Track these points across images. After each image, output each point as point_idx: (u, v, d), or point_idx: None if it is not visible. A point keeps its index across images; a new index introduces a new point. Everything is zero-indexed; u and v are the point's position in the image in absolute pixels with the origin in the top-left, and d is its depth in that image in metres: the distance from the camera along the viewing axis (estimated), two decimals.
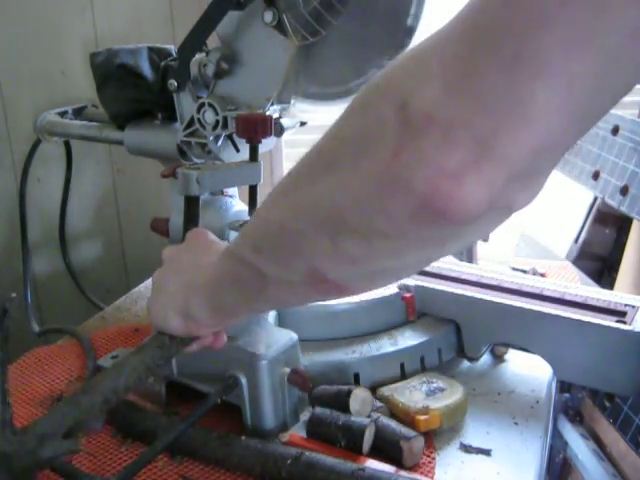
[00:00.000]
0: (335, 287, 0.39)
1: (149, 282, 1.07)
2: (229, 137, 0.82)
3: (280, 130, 0.83)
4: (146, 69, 0.86)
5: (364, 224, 0.33)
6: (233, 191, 0.92)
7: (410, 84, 0.30)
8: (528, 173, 0.30)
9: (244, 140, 0.75)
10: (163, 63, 0.85)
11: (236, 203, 0.91)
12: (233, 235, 0.84)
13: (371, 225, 0.33)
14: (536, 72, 0.27)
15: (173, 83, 0.80)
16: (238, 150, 0.83)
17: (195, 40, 0.77)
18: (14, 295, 0.52)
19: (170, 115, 0.87)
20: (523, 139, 0.28)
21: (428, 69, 0.29)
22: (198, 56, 0.80)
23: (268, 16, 0.72)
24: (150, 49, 0.88)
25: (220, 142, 0.82)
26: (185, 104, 0.82)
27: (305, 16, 0.68)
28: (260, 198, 0.79)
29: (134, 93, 0.87)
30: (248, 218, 0.79)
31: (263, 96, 0.77)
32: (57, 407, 0.47)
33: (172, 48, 0.89)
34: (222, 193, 0.90)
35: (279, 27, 0.72)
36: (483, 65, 0.28)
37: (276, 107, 0.80)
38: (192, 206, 0.73)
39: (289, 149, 1.31)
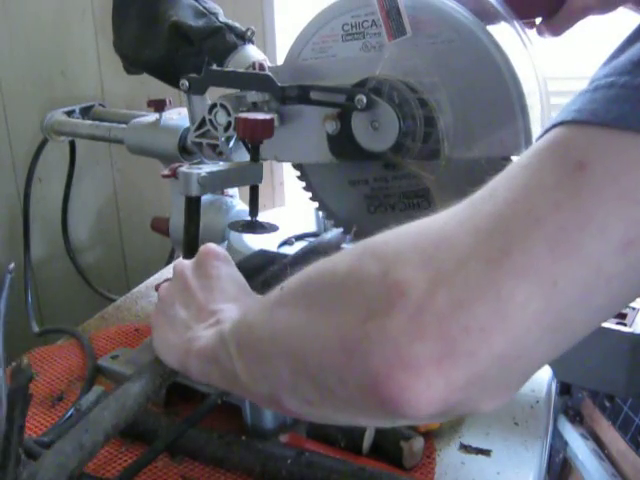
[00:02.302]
0: (293, 414, 0.38)
1: (149, 282, 1.08)
2: (241, 138, 0.78)
3: None
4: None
5: (320, 376, 0.32)
6: (233, 191, 0.92)
7: (400, 254, 0.29)
8: (493, 381, 0.28)
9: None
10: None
11: (237, 203, 0.91)
12: (233, 235, 0.84)
13: (326, 380, 0.31)
14: (520, 270, 0.27)
15: (185, 83, 0.77)
16: (250, 152, 0.81)
17: (225, 82, 0.75)
18: (12, 265, 0.53)
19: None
20: (493, 339, 0.27)
21: (422, 249, 0.29)
22: None
23: (330, 127, 0.68)
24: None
25: (232, 143, 0.79)
26: (196, 103, 0.80)
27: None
28: (260, 198, 0.79)
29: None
30: (248, 218, 0.78)
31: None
32: (60, 445, 0.44)
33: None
34: (222, 193, 0.90)
35: (335, 139, 0.68)
36: (471, 254, 0.28)
37: None
38: (193, 206, 0.73)
39: None
